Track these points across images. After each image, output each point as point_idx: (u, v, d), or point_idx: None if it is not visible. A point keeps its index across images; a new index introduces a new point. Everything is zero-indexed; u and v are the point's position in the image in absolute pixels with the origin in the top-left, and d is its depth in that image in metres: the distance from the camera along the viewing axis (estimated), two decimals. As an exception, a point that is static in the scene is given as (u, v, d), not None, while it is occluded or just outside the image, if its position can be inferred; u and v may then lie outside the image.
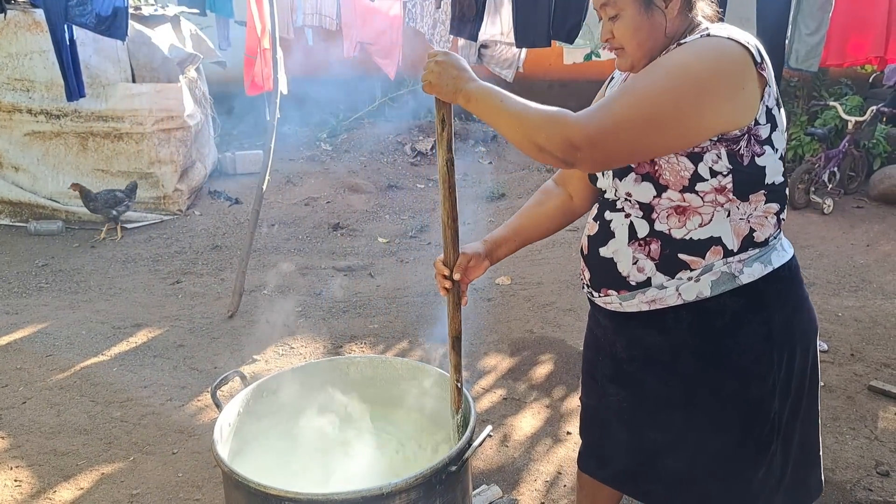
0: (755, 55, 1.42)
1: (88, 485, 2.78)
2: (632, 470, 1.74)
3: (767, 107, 1.45)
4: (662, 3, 1.47)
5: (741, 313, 1.51)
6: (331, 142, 8.73)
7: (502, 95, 1.48)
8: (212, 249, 5.73)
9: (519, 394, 3.44)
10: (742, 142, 1.43)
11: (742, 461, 1.60)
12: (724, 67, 1.39)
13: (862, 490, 2.69)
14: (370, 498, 1.56)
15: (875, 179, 6.90)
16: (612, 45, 1.54)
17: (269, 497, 1.60)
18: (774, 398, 1.56)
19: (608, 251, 1.60)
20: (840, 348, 3.84)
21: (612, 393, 1.72)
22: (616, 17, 1.49)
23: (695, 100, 1.38)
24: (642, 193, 1.51)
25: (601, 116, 1.39)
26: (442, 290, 1.75)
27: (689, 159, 1.44)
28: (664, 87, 1.39)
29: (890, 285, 4.78)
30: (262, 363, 3.76)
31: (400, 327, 4.21)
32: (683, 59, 1.41)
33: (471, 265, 1.76)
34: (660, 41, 1.50)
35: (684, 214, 1.49)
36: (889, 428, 3.11)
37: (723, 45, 1.41)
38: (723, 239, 1.49)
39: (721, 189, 1.46)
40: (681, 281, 1.51)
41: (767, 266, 1.51)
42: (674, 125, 1.40)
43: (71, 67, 5.36)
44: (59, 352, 3.90)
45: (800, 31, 4.75)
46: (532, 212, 1.88)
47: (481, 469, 2.83)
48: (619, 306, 1.61)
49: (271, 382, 2.12)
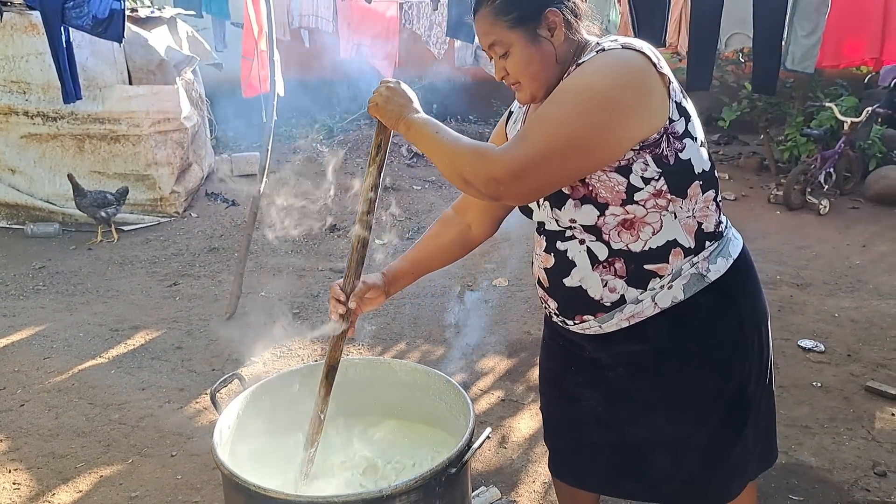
0: (651, 57, 1.44)
1: (87, 487, 2.78)
2: (611, 471, 1.75)
3: (676, 102, 1.47)
4: (548, 33, 1.50)
5: (714, 308, 1.55)
6: (327, 143, 8.73)
7: (439, 128, 1.51)
8: (209, 251, 5.72)
9: (517, 395, 3.44)
10: (662, 143, 1.46)
11: (723, 444, 1.65)
12: (627, 77, 1.41)
13: (860, 490, 2.70)
14: (370, 500, 1.56)
15: (871, 180, 6.93)
16: (507, 81, 1.57)
17: (270, 499, 1.59)
18: (751, 380, 1.63)
19: (573, 281, 1.59)
20: (836, 349, 3.85)
21: (588, 397, 1.72)
22: (506, 55, 1.52)
23: (608, 116, 1.40)
24: (585, 217, 1.52)
25: (520, 150, 1.40)
26: (335, 314, 1.74)
27: (619, 173, 1.46)
28: (575, 110, 1.40)
29: (886, 286, 4.80)
30: (260, 365, 3.76)
31: (397, 329, 4.21)
32: (586, 80, 1.43)
33: (368, 296, 1.78)
34: (552, 69, 1.52)
35: (634, 227, 1.50)
36: (886, 428, 3.12)
37: (620, 56, 1.43)
38: (679, 240, 1.52)
39: (658, 193, 1.48)
40: (654, 290, 1.53)
41: (729, 259, 1.57)
42: (593, 145, 1.41)
43: (67, 69, 5.34)
44: (56, 354, 3.89)
45: (796, 33, 4.78)
46: (430, 244, 1.90)
47: (480, 471, 2.84)
48: (599, 329, 1.61)
49: (270, 384, 2.11)
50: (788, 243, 5.70)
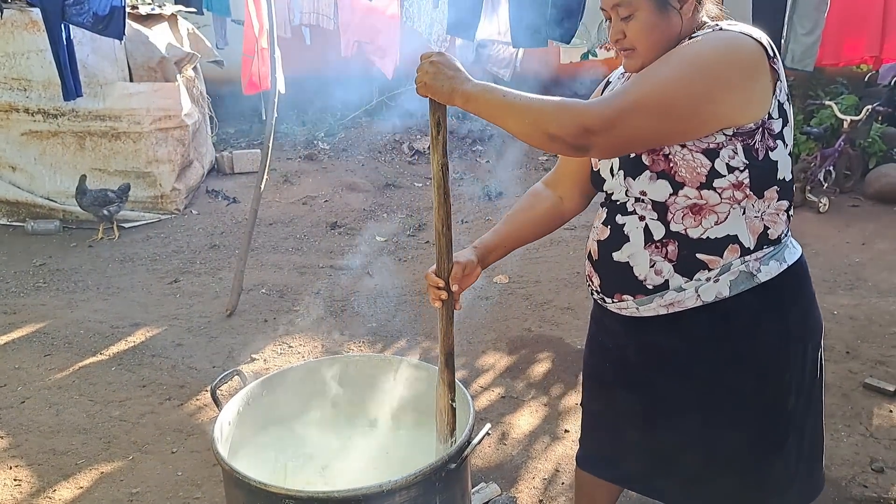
0: (768, 49, 1.44)
1: (88, 484, 2.79)
2: (645, 470, 1.74)
3: (779, 101, 1.47)
4: (678, 4, 1.48)
5: (759, 312, 1.52)
6: (328, 141, 8.73)
7: (504, 91, 1.47)
8: (210, 248, 5.73)
9: (517, 392, 3.45)
10: (756, 135, 1.45)
11: (759, 457, 1.61)
12: (737, 59, 1.41)
13: (857, 486, 2.71)
14: (370, 495, 1.57)
15: (870, 178, 6.92)
16: (622, 45, 1.53)
17: (270, 495, 1.61)
18: (791, 394, 1.58)
19: (623, 255, 1.58)
20: (835, 346, 3.86)
21: (623, 398, 1.71)
22: (629, 18, 1.48)
23: (708, 86, 1.39)
24: (658, 192, 1.51)
25: (616, 101, 1.39)
26: (436, 301, 1.69)
27: (706, 155, 1.45)
28: (678, 74, 1.40)
29: (885, 283, 4.80)
30: (260, 362, 3.77)
31: (398, 326, 4.22)
32: (698, 49, 1.42)
33: (465, 273, 1.72)
34: (672, 41, 1.50)
35: (700, 213, 1.49)
36: (883, 425, 3.13)
37: (736, 38, 1.43)
38: (739, 237, 1.49)
39: (738, 185, 1.46)
40: (699, 282, 1.51)
41: (783, 263, 1.53)
42: (687, 111, 1.40)
43: (68, 67, 5.36)
44: (57, 351, 3.90)
45: (796, 31, 4.78)
46: (522, 216, 1.85)
47: (480, 467, 2.85)
48: (636, 311, 1.59)
49: (271, 381, 2.13)
50: (788, 241, 5.69)
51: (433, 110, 1.58)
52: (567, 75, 8.70)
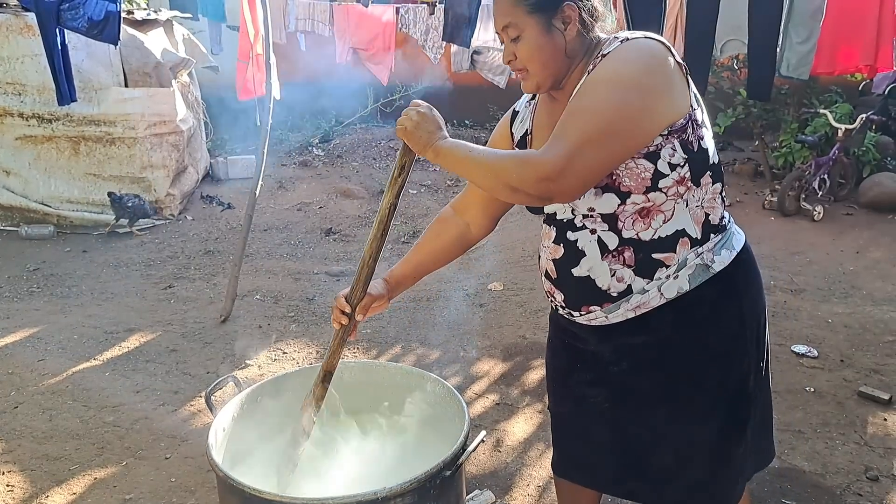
0: (670, 48, 1.50)
1: (81, 489, 2.77)
2: (616, 471, 1.76)
3: (693, 92, 1.53)
4: (561, 26, 1.53)
5: (717, 300, 1.58)
6: (323, 147, 8.73)
7: (470, 147, 1.53)
8: (204, 254, 5.72)
9: (511, 399, 3.45)
10: (688, 128, 1.50)
11: (727, 442, 1.65)
12: (654, 64, 1.46)
13: (852, 495, 2.72)
14: (365, 502, 1.57)
15: (864, 187, 6.95)
16: (514, 66, 1.59)
17: (265, 502, 1.60)
18: (750, 375, 1.64)
19: (582, 270, 1.61)
20: (830, 354, 3.87)
21: (593, 395, 1.73)
22: (518, 39, 1.54)
23: (640, 100, 1.44)
24: (605, 205, 1.53)
25: (560, 145, 1.42)
26: (336, 323, 1.81)
27: (647, 159, 1.48)
28: (608, 98, 1.44)
29: (879, 292, 4.82)
30: (255, 368, 3.76)
31: (392, 332, 4.21)
32: (614, 68, 1.46)
33: (373, 306, 1.85)
34: (561, 61, 1.55)
35: (648, 216, 1.53)
36: (878, 433, 3.13)
37: (644, 45, 1.48)
38: (686, 229, 1.55)
39: (682, 180, 1.51)
40: (660, 280, 1.55)
41: (732, 251, 1.59)
42: (629, 130, 1.44)
43: (62, 71, 5.33)
44: (50, 357, 3.88)
45: (791, 40, 4.80)
46: (430, 246, 1.94)
47: (474, 474, 2.84)
48: (605, 319, 1.62)
49: (265, 387, 2.12)
50: (783, 249, 5.71)
51: (403, 154, 1.67)
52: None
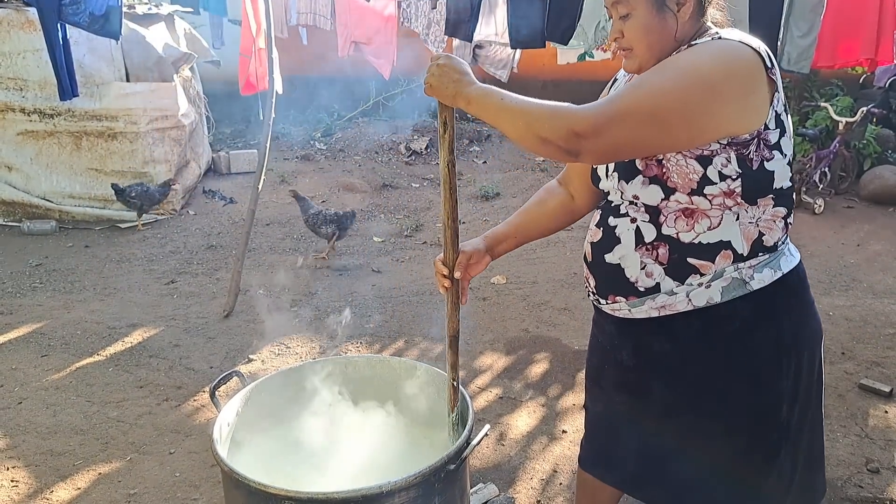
0: (766, 60, 1.43)
1: (85, 485, 2.79)
2: (639, 474, 1.74)
3: (776, 112, 1.45)
4: (675, 6, 1.47)
5: (751, 319, 1.51)
6: (325, 141, 8.72)
7: (502, 94, 1.48)
8: (206, 249, 5.72)
9: (515, 392, 3.46)
10: (752, 146, 1.43)
11: (750, 467, 1.60)
12: (735, 70, 1.40)
13: (853, 487, 2.73)
14: (370, 496, 1.58)
15: (865, 179, 6.95)
16: (620, 45, 1.53)
17: (270, 496, 1.61)
18: (783, 404, 1.57)
19: (614, 257, 1.58)
20: (831, 347, 3.87)
21: (619, 401, 1.72)
22: (627, 17, 1.49)
23: (703, 99, 1.38)
24: (650, 196, 1.50)
25: (606, 107, 1.39)
26: (442, 288, 1.77)
27: (699, 162, 1.44)
28: (673, 83, 1.39)
29: (880, 284, 4.83)
30: (258, 363, 3.77)
31: (396, 327, 4.22)
32: (695, 59, 1.41)
33: (471, 262, 1.78)
34: (669, 44, 1.50)
35: (692, 217, 1.48)
36: (879, 425, 3.14)
37: (735, 48, 1.42)
38: (732, 243, 1.48)
39: (730, 193, 1.45)
40: (691, 287, 1.50)
41: (777, 272, 1.52)
42: (680, 122, 1.39)
43: (64, 66, 5.33)
44: (53, 352, 3.90)
45: (792, 34, 4.79)
46: (534, 210, 1.89)
47: (478, 467, 2.85)
48: (629, 313, 1.59)
49: (270, 382, 2.13)
50: (784, 242, 5.72)
51: (441, 111, 1.63)
52: (564, 76, 8.72)
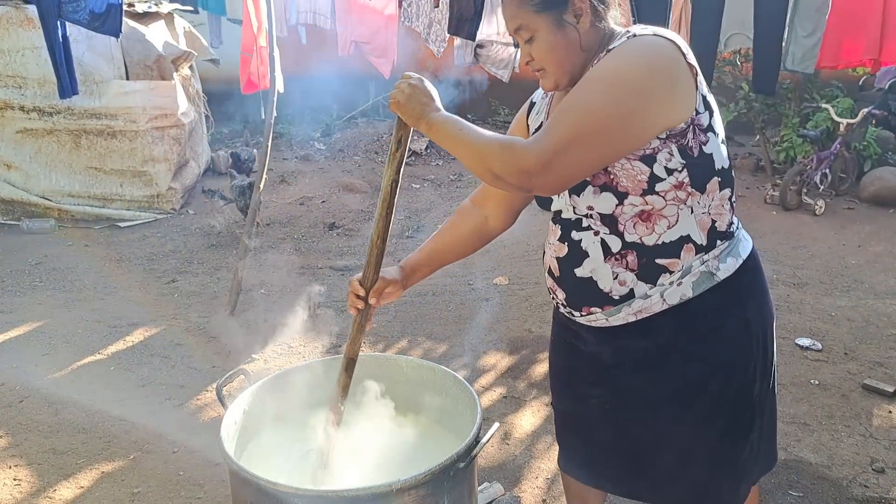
0: (681, 47, 1.45)
1: (89, 483, 2.78)
2: (618, 471, 1.75)
3: (702, 94, 1.47)
4: (573, 20, 1.49)
5: (722, 308, 1.55)
6: (325, 141, 8.72)
7: (462, 125, 1.51)
8: (207, 248, 5.71)
9: (519, 392, 3.45)
10: (688, 134, 1.45)
11: (729, 448, 1.64)
12: (657, 65, 1.41)
13: (858, 487, 2.73)
14: (380, 494, 1.56)
15: (866, 181, 6.97)
16: (532, 67, 1.56)
17: (279, 494, 1.59)
18: (756, 382, 1.62)
19: (584, 271, 1.58)
20: (834, 347, 3.88)
21: (595, 395, 1.72)
22: (532, 40, 1.51)
23: (637, 102, 1.40)
24: (604, 204, 1.51)
25: (548, 140, 1.40)
26: (353, 309, 1.77)
27: (643, 162, 1.45)
28: (603, 96, 1.40)
29: (881, 285, 4.83)
30: (261, 362, 3.76)
31: (399, 326, 4.21)
32: (616, 65, 1.42)
33: (387, 291, 1.80)
34: (578, 56, 1.51)
35: (650, 220, 1.50)
36: (883, 425, 3.14)
37: (651, 43, 1.43)
38: (692, 236, 1.51)
39: (680, 185, 1.48)
40: (663, 287, 1.53)
41: (738, 259, 1.56)
42: (621, 131, 1.41)
43: (64, 64, 5.31)
44: (55, 350, 3.88)
45: (796, 34, 4.80)
46: (448, 236, 1.92)
47: (483, 467, 2.85)
48: (606, 321, 1.60)
49: (276, 380, 2.11)
50: (785, 243, 5.72)
51: (398, 128, 1.64)
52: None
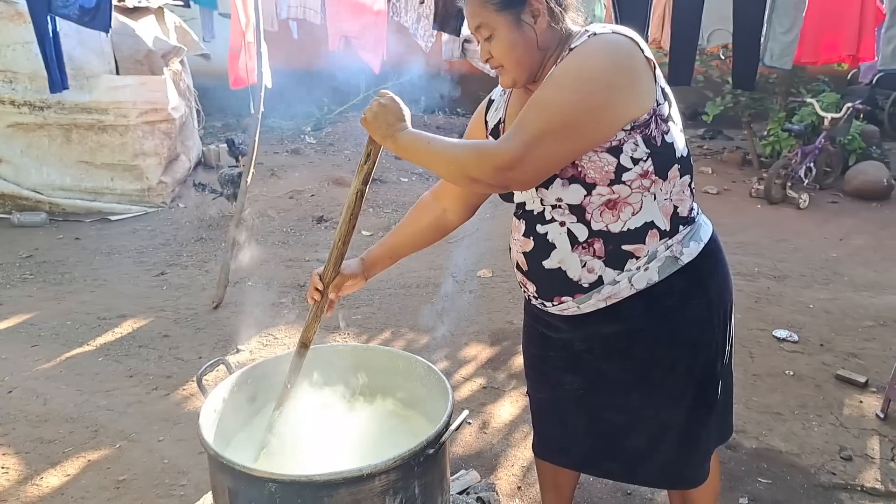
0: (638, 42, 1.52)
1: (75, 471, 2.83)
2: (592, 453, 1.84)
3: (661, 86, 1.55)
4: (531, 19, 1.56)
5: (686, 290, 1.64)
6: (315, 135, 8.76)
7: (429, 139, 1.58)
8: (196, 241, 5.76)
9: (498, 383, 3.52)
10: (651, 124, 1.53)
11: (696, 425, 1.73)
12: (620, 60, 1.49)
13: (826, 474, 2.80)
14: (350, 479, 1.62)
15: (850, 175, 7.04)
16: (492, 64, 1.63)
17: (254, 479, 1.64)
18: (718, 359, 1.72)
19: (553, 262, 1.65)
20: (810, 339, 3.95)
21: (569, 381, 1.79)
22: (491, 38, 1.58)
23: (602, 96, 1.47)
24: (572, 196, 1.58)
25: (520, 136, 1.47)
26: (311, 299, 1.88)
27: (610, 153, 1.52)
28: (570, 92, 1.47)
29: (861, 278, 4.91)
30: (246, 353, 3.82)
31: (382, 318, 4.28)
32: (581, 62, 1.50)
33: (347, 284, 1.91)
34: (535, 54, 1.59)
35: (616, 208, 1.57)
36: (854, 415, 3.21)
37: (612, 40, 1.51)
38: (655, 222, 1.59)
39: (645, 174, 1.55)
40: (631, 272, 1.60)
41: (700, 243, 1.65)
42: (589, 125, 1.48)
43: (54, 59, 5.33)
44: (43, 342, 3.93)
45: (774, 30, 4.85)
46: (406, 229, 2.00)
47: (460, 455, 2.91)
48: (577, 309, 1.67)
49: (256, 370, 2.16)
50: (768, 236, 5.79)
51: (369, 142, 1.72)
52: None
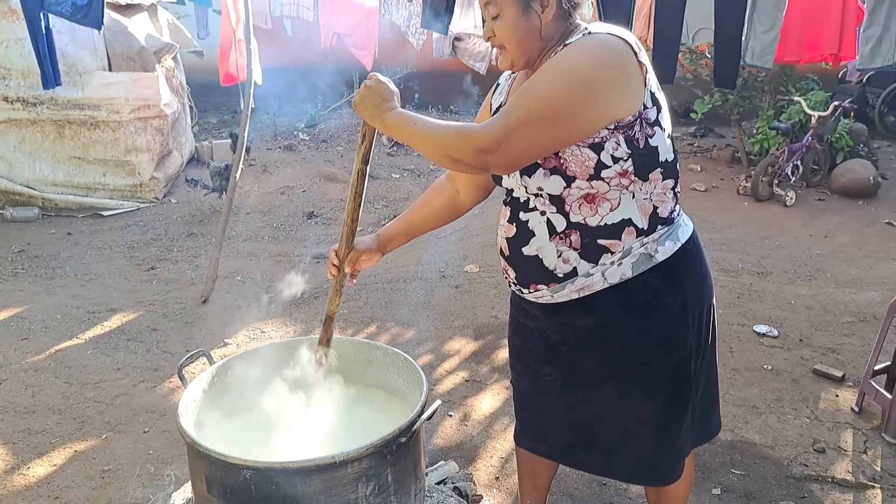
0: (633, 46, 1.57)
1: (61, 461, 2.88)
2: (568, 443, 1.89)
3: (651, 91, 1.60)
4: (539, 8, 1.61)
5: (660, 288, 1.68)
6: (308, 131, 8.79)
7: (416, 119, 1.64)
8: (187, 237, 5.80)
9: (481, 376, 3.57)
10: (636, 126, 1.58)
11: (670, 420, 1.78)
12: (609, 61, 1.54)
13: (798, 466, 2.86)
14: (323, 466, 1.67)
15: (836, 173, 7.09)
16: (493, 43, 1.69)
17: (230, 466, 1.69)
18: (692, 358, 1.75)
19: (531, 249, 1.71)
20: (790, 334, 4.01)
21: (547, 373, 1.85)
22: (497, 17, 1.63)
23: (586, 92, 1.53)
24: (553, 186, 1.64)
25: (503, 121, 1.53)
26: (330, 274, 1.99)
27: (592, 150, 1.58)
28: (556, 85, 1.53)
29: (843, 275, 4.96)
30: (233, 346, 3.87)
31: (368, 312, 4.33)
32: (571, 58, 1.56)
33: (363, 259, 2.00)
34: (536, 42, 1.64)
35: (594, 202, 1.63)
36: (829, 408, 3.27)
37: (604, 41, 1.56)
38: (633, 220, 1.64)
39: (624, 173, 1.60)
40: (604, 266, 1.65)
41: (677, 242, 1.69)
42: (571, 118, 1.54)
43: (47, 55, 5.36)
44: (33, 335, 3.98)
45: (755, 30, 4.91)
46: (423, 208, 2.09)
47: (440, 446, 2.97)
48: (551, 298, 1.73)
49: (237, 361, 2.21)
50: (753, 233, 5.85)
51: (364, 124, 1.79)
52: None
